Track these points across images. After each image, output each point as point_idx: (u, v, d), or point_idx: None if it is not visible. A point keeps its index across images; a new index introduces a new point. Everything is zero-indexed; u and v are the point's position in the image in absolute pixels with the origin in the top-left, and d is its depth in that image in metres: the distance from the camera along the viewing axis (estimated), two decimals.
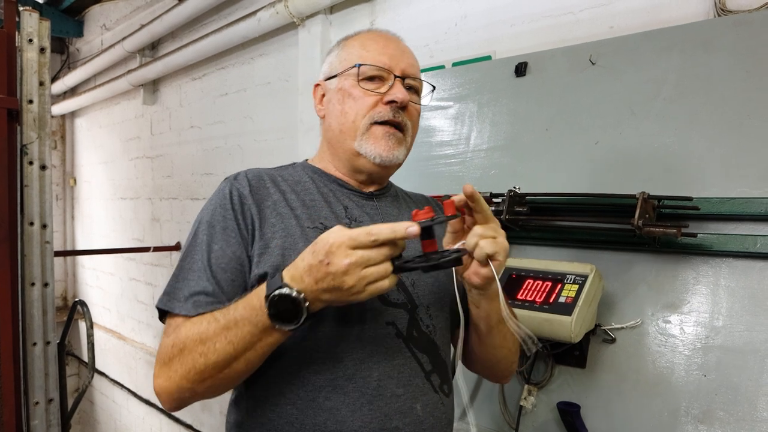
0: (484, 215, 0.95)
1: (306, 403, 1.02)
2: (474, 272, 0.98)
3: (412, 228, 0.82)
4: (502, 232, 0.96)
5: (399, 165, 1.18)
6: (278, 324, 0.87)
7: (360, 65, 1.12)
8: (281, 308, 0.86)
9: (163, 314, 1.04)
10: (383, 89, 1.12)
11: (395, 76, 1.13)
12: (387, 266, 0.84)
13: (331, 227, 1.05)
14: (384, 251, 0.83)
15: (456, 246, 0.97)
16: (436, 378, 1.11)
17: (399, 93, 1.11)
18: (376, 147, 1.11)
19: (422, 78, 1.20)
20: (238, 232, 1.05)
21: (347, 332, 1.03)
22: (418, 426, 1.06)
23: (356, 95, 1.13)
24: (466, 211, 0.97)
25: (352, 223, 1.12)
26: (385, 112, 1.12)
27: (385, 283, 0.85)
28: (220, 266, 1.02)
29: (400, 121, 1.13)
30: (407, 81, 1.15)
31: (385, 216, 1.18)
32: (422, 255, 0.90)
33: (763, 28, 1.36)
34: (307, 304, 0.86)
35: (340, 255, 0.82)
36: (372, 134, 1.12)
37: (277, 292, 0.86)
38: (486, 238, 0.93)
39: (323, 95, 1.21)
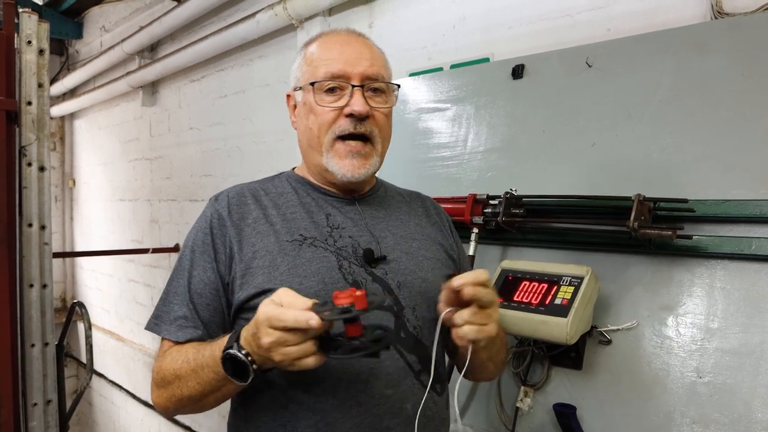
0: (480, 302, 0.96)
1: (297, 406, 1.04)
2: (456, 336, 0.99)
3: (312, 321, 0.82)
4: (495, 312, 0.99)
5: (372, 175, 1.18)
6: (233, 378, 0.93)
7: (314, 83, 1.10)
8: (232, 367, 0.92)
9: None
10: (342, 101, 1.09)
11: (353, 86, 1.09)
12: (307, 347, 0.86)
13: (310, 237, 1.10)
14: (298, 334, 0.85)
15: (444, 312, 1.00)
16: (426, 377, 1.11)
17: (356, 105, 1.08)
18: (340, 167, 1.11)
19: (389, 77, 1.16)
20: (213, 257, 1.10)
21: None
22: (410, 426, 1.07)
23: (317, 110, 1.11)
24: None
25: (333, 230, 1.13)
26: (345, 126, 1.09)
27: (310, 361, 0.87)
28: (197, 291, 1.09)
29: (363, 132, 1.10)
30: (369, 85, 1.11)
31: (369, 219, 1.18)
32: (347, 338, 0.90)
33: (759, 31, 1.36)
34: (254, 366, 0.91)
35: (263, 333, 0.86)
36: (336, 152, 1.11)
37: (228, 352, 0.92)
38: (473, 324, 0.96)
39: (295, 106, 1.21)
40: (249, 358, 0.90)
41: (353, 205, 1.19)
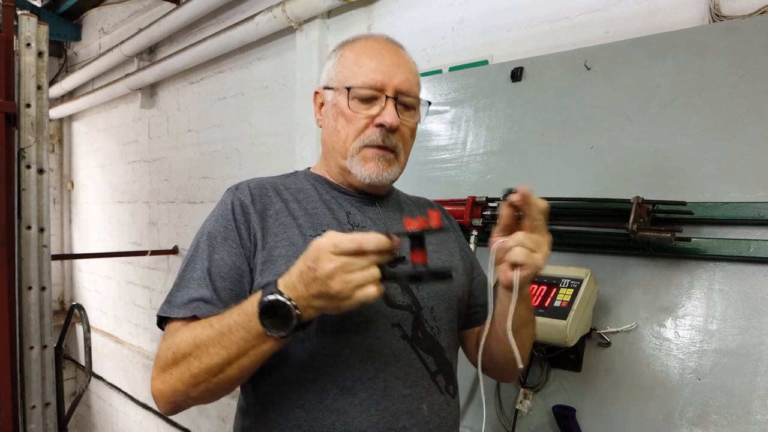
0: (532, 224, 0.95)
1: (314, 405, 1.03)
2: (503, 271, 0.98)
3: (395, 240, 0.84)
4: (545, 245, 0.96)
5: (393, 182, 1.19)
6: (270, 330, 0.88)
7: (350, 88, 1.10)
8: (273, 314, 0.88)
9: (163, 322, 1.06)
10: (374, 110, 1.10)
11: (387, 97, 1.10)
12: (373, 271, 0.84)
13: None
14: (370, 257, 0.84)
15: (497, 242, 0.96)
16: (441, 379, 1.12)
17: (388, 117, 1.09)
18: (365, 169, 1.12)
19: (419, 94, 1.17)
20: (239, 242, 1.07)
21: (354, 335, 1.04)
22: (425, 426, 1.07)
23: (348, 115, 1.11)
24: (522, 210, 0.96)
25: (354, 228, 1.13)
26: (375, 136, 1.10)
27: (372, 289, 0.84)
28: (219, 275, 1.04)
29: (389, 145, 1.12)
30: (401, 99, 1.12)
31: (387, 220, 1.19)
32: (410, 265, 0.91)
33: (756, 34, 1.37)
34: (297, 311, 0.87)
35: (325, 260, 0.83)
36: (362, 156, 1.12)
37: (269, 297, 0.87)
38: (523, 247, 0.94)
39: (322, 104, 1.21)
40: (292, 302, 0.87)
41: (373, 205, 1.20)
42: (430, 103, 1.20)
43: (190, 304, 1.01)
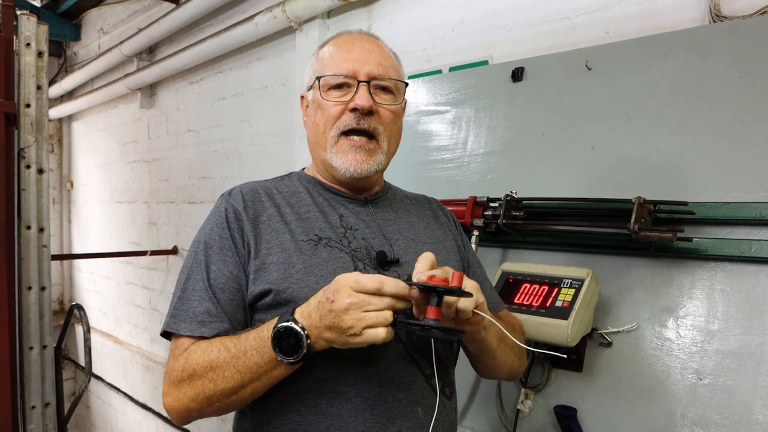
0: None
1: (309, 410, 1.04)
2: (464, 321, 0.96)
3: (413, 291, 0.87)
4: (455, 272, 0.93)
5: (379, 172, 1.18)
6: (280, 356, 0.92)
7: (320, 78, 1.11)
8: (285, 341, 0.91)
9: (168, 333, 1.08)
10: (348, 97, 1.11)
11: (359, 81, 1.10)
12: (387, 314, 0.86)
13: (326, 237, 1.09)
14: (386, 300, 0.86)
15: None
16: (436, 381, 1.11)
17: (360, 99, 1.08)
18: (344, 162, 1.11)
19: (396, 77, 1.16)
20: (234, 251, 1.08)
21: None
22: (420, 429, 1.07)
23: (324, 105, 1.12)
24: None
25: (347, 231, 1.13)
26: (349, 120, 1.10)
27: (381, 332, 0.86)
28: (218, 286, 1.06)
29: (366, 128, 1.11)
30: (375, 83, 1.11)
31: (381, 221, 1.19)
32: (424, 319, 0.91)
33: (756, 34, 1.37)
34: (308, 340, 0.91)
35: (344, 294, 0.86)
36: (340, 148, 1.12)
37: (283, 324, 0.91)
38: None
39: (308, 107, 1.22)
40: (305, 332, 0.90)
41: (366, 206, 1.19)
42: (407, 84, 1.19)
43: (196, 319, 1.03)
